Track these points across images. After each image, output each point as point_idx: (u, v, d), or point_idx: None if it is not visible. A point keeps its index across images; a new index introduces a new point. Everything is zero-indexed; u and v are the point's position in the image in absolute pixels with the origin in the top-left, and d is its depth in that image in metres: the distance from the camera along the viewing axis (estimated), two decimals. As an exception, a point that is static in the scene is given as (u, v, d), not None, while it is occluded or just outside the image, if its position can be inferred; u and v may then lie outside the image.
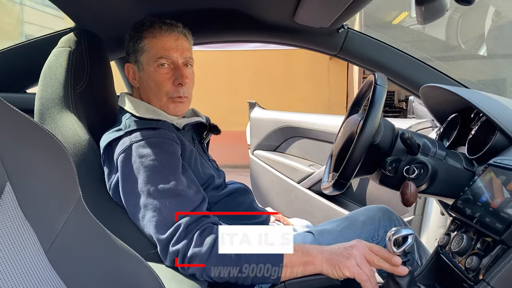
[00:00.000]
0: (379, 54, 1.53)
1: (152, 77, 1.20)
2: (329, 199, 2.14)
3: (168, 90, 1.20)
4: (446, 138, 1.37)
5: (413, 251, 1.30)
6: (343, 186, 1.16)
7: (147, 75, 1.21)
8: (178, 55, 1.21)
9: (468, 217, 0.92)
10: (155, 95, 1.20)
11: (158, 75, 1.19)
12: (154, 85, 1.20)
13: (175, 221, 0.98)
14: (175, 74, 1.20)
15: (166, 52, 1.19)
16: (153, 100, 1.21)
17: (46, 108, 1.19)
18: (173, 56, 1.20)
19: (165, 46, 1.19)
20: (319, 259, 0.97)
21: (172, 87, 1.20)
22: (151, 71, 1.19)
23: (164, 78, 1.19)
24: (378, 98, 1.13)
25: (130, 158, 1.04)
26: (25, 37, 5.96)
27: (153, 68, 1.19)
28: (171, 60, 1.20)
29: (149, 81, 1.20)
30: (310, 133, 2.33)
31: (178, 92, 1.20)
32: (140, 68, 1.22)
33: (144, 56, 1.21)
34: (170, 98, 1.20)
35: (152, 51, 1.20)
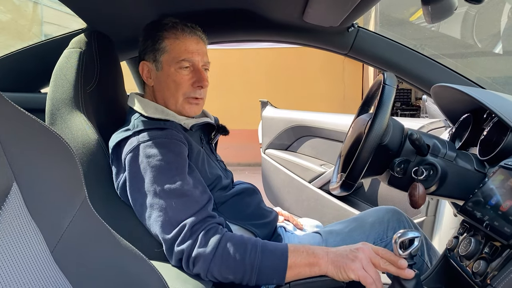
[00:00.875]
0: (390, 53, 1.51)
1: (172, 77, 1.21)
2: (340, 199, 2.12)
3: (186, 91, 1.22)
4: (459, 138, 1.35)
5: (423, 253, 1.29)
6: (351, 187, 1.15)
7: (166, 75, 1.22)
8: (199, 58, 1.23)
9: (476, 220, 0.90)
10: (172, 95, 1.22)
11: (178, 76, 1.21)
12: (173, 85, 1.21)
13: (180, 221, 0.99)
14: (195, 76, 1.22)
15: (189, 55, 1.21)
16: (169, 99, 1.23)
17: (56, 109, 1.21)
18: (195, 59, 1.22)
19: (188, 48, 1.22)
20: (324, 260, 0.97)
21: (190, 88, 1.22)
22: (172, 72, 1.21)
23: (185, 79, 1.21)
24: (386, 98, 1.12)
25: (138, 158, 1.05)
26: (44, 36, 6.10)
27: (174, 69, 1.21)
28: (192, 62, 1.22)
29: (167, 81, 1.22)
30: (322, 132, 2.32)
31: (195, 93, 1.23)
32: (159, 67, 1.23)
33: (165, 56, 1.22)
34: (186, 99, 1.22)
35: (174, 52, 1.21)
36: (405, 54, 1.50)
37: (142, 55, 1.26)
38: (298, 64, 6.47)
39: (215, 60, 4.79)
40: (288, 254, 0.97)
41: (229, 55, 6.51)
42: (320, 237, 1.29)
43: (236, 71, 6.64)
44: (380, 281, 0.95)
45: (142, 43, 1.25)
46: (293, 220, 1.50)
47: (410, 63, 1.52)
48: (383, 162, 1.15)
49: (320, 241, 1.28)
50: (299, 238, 1.33)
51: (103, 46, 1.32)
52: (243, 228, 1.20)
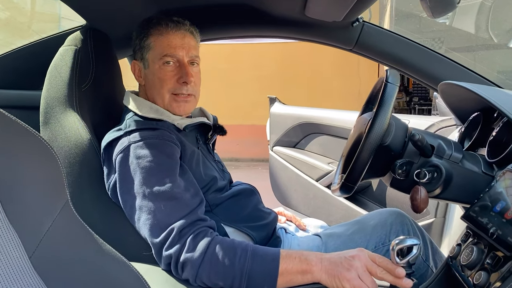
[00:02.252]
0: (396, 48, 1.44)
1: (156, 75, 1.18)
2: (347, 199, 2.07)
3: (171, 87, 1.18)
4: (468, 138, 1.28)
5: (428, 258, 1.23)
6: (350, 189, 1.10)
7: (152, 72, 1.19)
8: (184, 53, 1.19)
9: (480, 227, 0.85)
10: (158, 93, 1.19)
11: (162, 73, 1.17)
12: (158, 82, 1.18)
13: (169, 224, 0.96)
14: (180, 72, 1.18)
15: (171, 50, 1.17)
16: (156, 98, 1.19)
17: (50, 108, 1.19)
18: (178, 55, 1.18)
19: (171, 44, 1.18)
20: (318, 268, 0.93)
21: (176, 84, 1.18)
22: (156, 69, 1.18)
23: (169, 76, 1.18)
24: (388, 97, 1.07)
25: (128, 158, 1.03)
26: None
27: (158, 65, 1.18)
28: (176, 58, 1.18)
29: (154, 79, 1.19)
30: (330, 129, 2.26)
31: (181, 89, 1.18)
32: (146, 65, 1.21)
33: (150, 53, 1.19)
34: (173, 96, 1.18)
35: (158, 49, 1.18)
36: (412, 49, 1.44)
37: (133, 54, 1.24)
38: (312, 59, 6.38)
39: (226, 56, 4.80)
40: (279, 260, 0.94)
41: (241, 51, 6.46)
42: (320, 240, 1.25)
43: (248, 67, 6.59)
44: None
45: (133, 42, 1.23)
46: (295, 221, 1.46)
47: (418, 59, 1.45)
48: (385, 163, 1.10)
49: (319, 244, 1.23)
50: (299, 240, 1.29)
51: (99, 44, 1.30)
52: (239, 230, 1.16)
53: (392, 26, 5.06)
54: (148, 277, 0.94)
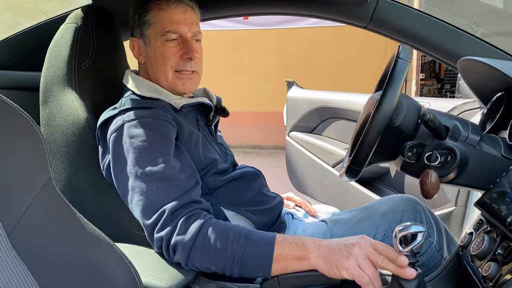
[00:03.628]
0: (414, 24, 1.34)
1: (159, 52, 1.14)
2: (364, 185, 1.99)
3: (175, 64, 1.14)
4: (490, 120, 1.18)
5: (442, 248, 1.15)
6: (356, 173, 1.03)
7: (153, 49, 1.15)
8: (187, 29, 1.14)
9: (493, 214, 0.77)
10: (161, 70, 1.14)
11: (165, 49, 1.13)
12: (161, 59, 1.14)
13: (161, 206, 0.92)
14: (184, 48, 1.13)
15: (174, 26, 1.13)
16: (159, 76, 1.15)
17: (49, 87, 1.17)
18: (181, 30, 1.13)
19: (173, 19, 1.13)
20: (315, 255, 0.87)
21: (179, 61, 1.14)
22: (158, 45, 1.14)
23: (172, 52, 1.13)
24: (398, 74, 0.98)
25: (121, 138, 1.00)
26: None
27: (160, 42, 1.13)
28: (179, 34, 1.14)
29: (156, 56, 1.14)
30: (348, 113, 2.17)
31: (185, 66, 1.14)
32: (146, 42, 1.16)
33: (151, 29, 1.15)
34: (176, 73, 1.14)
35: (159, 25, 1.13)
36: (432, 25, 1.33)
37: (131, 31, 1.19)
38: (337, 43, 6.21)
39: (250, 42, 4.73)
40: (274, 245, 0.88)
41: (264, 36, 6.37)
42: (325, 226, 1.19)
43: (272, 53, 6.49)
44: (379, 279, 0.84)
45: (131, 19, 1.18)
46: (305, 207, 1.40)
47: (438, 35, 1.34)
48: (395, 145, 1.03)
49: (325, 230, 1.17)
50: (305, 226, 1.23)
51: (101, 22, 1.27)
52: (240, 214, 1.12)
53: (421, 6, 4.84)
54: (139, 259, 0.92)
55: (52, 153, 1.12)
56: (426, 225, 1.15)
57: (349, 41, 6.12)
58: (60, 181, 1.11)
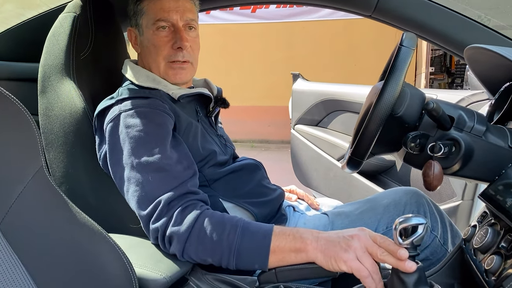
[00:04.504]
0: (420, 13, 1.30)
1: (151, 41, 1.12)
2: (369, 179, 1.96)
3: (166, 54, 1.11)
4: (498, 111, 1.15)
5: (446, 242, 1.13)
6: (358, 165, 1.01)
7: (146, 39, 1.13)
8: (178, 17, 1.11)
9: (497, 206, 0.74)
10: (154, 61, 1.13)
11: (156, 39, 1.11)
12: (153, 49, 1.12)
13: (156, 197, 0.91)
14: (175, 37, 1.11)
15: (165, 14, 1.10)
16: (152, 66, 1.14)
17: (47, 76, 1.16)
18: (172, 18, 1.11)
19: (164, 7, 1.11)
20: (313, 247, 0.85)
21: (171, 51, 1.11)
22: (150, 35, 1.12)
23: (163, 41, 1.11)
24: (401, 62, 0.95)
25: (118, 128, 0.98)
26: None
27: (152, 31, 1.11)
28: (170, 22, 1.11)
29: (148, 46, 1.13)
30: (353, 106, 2.14)
31: (177, 56, 1.11)
32: (141, 32, 1.15)
33: (144, 18, 1.13)
34: (168, 64, 1.12)
35: (151, 13, 1.11)
36: (438, 13, 1.29)
37: (129, 21, 1.17)
38: (347, 37, 6.15)
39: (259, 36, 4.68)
40: (271, 237, 0.86)
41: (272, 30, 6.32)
42: (327, 218, 1.17)
43: (281, 46, 6.45)
44: (378, 273, 0.81)
45: (128, 8, 1.17)
46: (308, 199, 1.38)
47: (446, 24, 1.31)
48: (398, 136, 1.00)
49: (326, 222, 1.15)
50: (306, 219, 1.21)
51: (100, 11, 1.25)
52: (239, 206, 1.10)
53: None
54: (135, 250, 0.91)
55: (50, 143, 1.11)
56: (430, 218, 1.12)
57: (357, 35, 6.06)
58: (58, 171, 1.10)
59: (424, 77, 5.33)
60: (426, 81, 5.34)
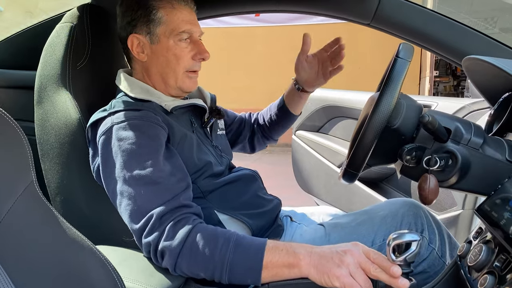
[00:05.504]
0: (419, 21, 1.29)
1: (172, 51, 1.12)
2: (370, 186, 1.94)
3: (187, 65, 1.14)
4: (498, 121, 1.13)
5: (444, 254, 1.11)
6: (353, 177, 1.00)
7: (165, 48, 1.12)
8: (197, 29, 1.15)
9: (492, 223, 0.73)
10: (173, 70, 1.13)
11: (178, 49, 1.12)
12: (174, 59, 1.12)
13: (149, 210, 0.90)
14: (196, 48, 1.14)
15: (188, 26, 1.12)
16: (169, 74, 1.14)
17: (44, 86, 1.16)
18: (193, 31, 1.14)
19: (185, 19, 1.12)
20: (306, 262, 0.84)
21: (191, 62, 1.14)
22: (171, 45, 1.11)
23: (185, 52, 1.13)
24: (396, 74, 0.95)
25: (110, 140, 0.98)
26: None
27: (173, 41, 1.11)
28: (191, 34, 1.14)
29: (167, 55, 1.12)
30: (354, 112, 2.13)
31: (196, 66, 1.15)
32: (155, 40, 1.12)
33: (161, 28, 1.11)
34: (186, 73, 1.14)
35: (172, 24, 1.11)
36: (436, 22, 1.28)
37: (130, 27, 1.14)
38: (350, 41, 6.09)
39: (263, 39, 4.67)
40: (264, 252, 0.86)
41: (277, 33, 6.32)
42: (323, 230, 1.16)
43: (285, 50, 6.43)
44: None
45: (130, 14, 1.13)
46: None
47: (445, 33, 1.29)
48: (395, 148, 0.99)
49: (322, 234, 1.14)
50: (303, 230, 1.20)
51: (97, 21, 1.25)
52: (234, 218, 1.09)
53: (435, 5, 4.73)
54: (127, 263, 0.90)
55: (45, 153, 1.11)
56: (428, 230, 1.11)
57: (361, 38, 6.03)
58: (53, 182, 1.10)
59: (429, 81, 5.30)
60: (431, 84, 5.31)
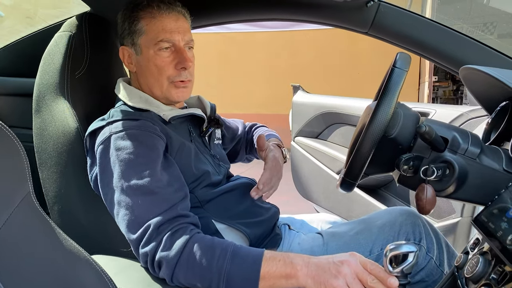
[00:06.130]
0: (417, 29, 1.30)
1: (152, 61, 1.11)
2: (369, 193, 1.94)
3: (170, 75, 1.11)
4: (495, 130, 1.13)
5: (442, 263, 1.11)
6: (351, 186, 1.00)
7: (146, 59, 1.12)
8: (180, 37, 1.11)
9: (488, 234, 0.73)
10: (156, 80, 1.12)
11: (159, 59, 1.10)
12: (155, 69, 1.11)
13: (146, 220, 0.90)
14: (177, 57, 1.11)
15: (167, 35, 1.10)
16: (154, 85, 1.13)
17: (42, 95, 1.17)
18: (175, 39, 1.11)
19: (165, 27, 1.10)
20: (303, 273, 0.84)
21: (175, 71, 1.11)
22: (151, 55, 1.11)
23: (166, 62, 1.10)
24: (393, 83, 0.95)
25: (108, 150, 0.98)
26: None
27: (153, 51, 1.10)
28: (172, 43, 1.11)
29: (149, 65, 1.12)
30: (353, 119, 2.13)
31: (181, 76, 1.12)
32: (138, 51, 1.13)
33: (143, 38, 1.12)
34: (172, 83, 1.12)
35: (152, 33, 1.11)
36: (435, 31, 1.29)
37: (121, 39, 1.16)
38: (349, 45, 6.14)
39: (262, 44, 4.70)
40: (261, 263, 0.86)
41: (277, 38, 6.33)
42: (321, 239, 1.16)
43: (284, 55, 6.46)
44: (368, 300, 0.80)
45: (120, 26, 1.15)
46: None
47: (442, 41, 1.30)
48: (392, 158, 0.99)
49: (320, 243, 1.14)
50: (301, 239, 1.20)
51: (96, 30, 1.26)
52: (232, 227, 1.09)
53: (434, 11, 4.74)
54: (125, 273, 0.90)
55: (43, 163, 1.11)
56: (426, 239, 1.11)
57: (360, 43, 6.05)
58: (50, 191, 1.10)
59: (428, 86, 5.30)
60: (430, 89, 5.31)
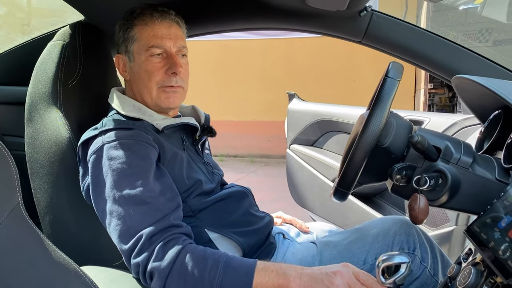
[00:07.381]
0: (409, 39, 1.31)
1: (143, 67, 1.12)
2: (364, 201, 1.94)
3: (159, 80, 1.11)
4: (488, 139, 1.14)
5: (437, 273, 1.10)
6: (344, 196, 1.00)
7: (138, 65, 1.13)
8: (171, 43, 1.12)
9: (480, 244, 0.72)
10: (146, 86, 1.12)
11: (149, 65, 1.11)
12: (146, 75, 1.11)
13: (138, 231, 0.89)
14: (168, 63, 1.11)
15: (158, 41, 1.11)
16: (144, 92, 1.13)
17: (34, 104, 1.16)
18: (165, 45, 1.11)
19: (157, 34, 1.11)
20: (296, 284, 0.83)
21: (164, 76, 1.11)
22: (142, 61, 1.11)
23: (156, 67, 1.11)
24: (386, 93, 0.96)
25: (101, 159, 0.97)
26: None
27: (145, 57, 1.11)
28: (163, 49, 1.12)
29: (140, 72, 1.12)
30: (348, 127, 2.13)
31: (170, 81, 1.11)
32: (131, 58, 1.14)
33: (135, 45, 1.13)
34: (161, 88, 1.12)
35: (143, 40, 1.12)
36: (427, 40, 1.30)
37: (117, 47, 1.17)
38: (346, 54, 6.16)
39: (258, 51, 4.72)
40: (254, 274, 0.85)
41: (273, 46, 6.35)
42: (315, 248, 1.15)
43: (280, 62, 6.47)
44: (361, 311, 0.80)
45: (116, 35, 1.17)
46: (296, 224, 1.36)
47: (435, 50, 1.31)
48: (385, 167, 0.99)
49: (314, 253, 1.13)
50: (295, 248, 1.19)
51: (89, 39, 1.26)
52: (225, 236, 1.09)
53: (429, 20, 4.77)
54: (116, 284, 0.89)
55: (35, 172, 1.11)
56: (420, 248, 1.11)
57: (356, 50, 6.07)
58: (42, 201, 1.09)
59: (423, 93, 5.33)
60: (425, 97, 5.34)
